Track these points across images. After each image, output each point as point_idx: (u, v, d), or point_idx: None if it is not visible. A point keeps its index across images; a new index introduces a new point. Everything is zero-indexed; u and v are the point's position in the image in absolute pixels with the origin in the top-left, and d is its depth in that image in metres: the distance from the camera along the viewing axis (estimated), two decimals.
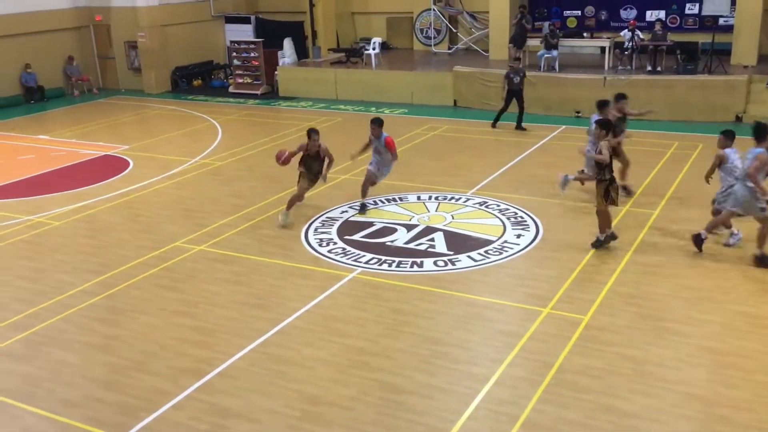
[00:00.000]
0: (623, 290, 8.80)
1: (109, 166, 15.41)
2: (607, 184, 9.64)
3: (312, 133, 11.42)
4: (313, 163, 11.44)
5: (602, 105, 11.68)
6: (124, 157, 16.06)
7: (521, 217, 11.37)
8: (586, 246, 10.08)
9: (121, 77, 25.06)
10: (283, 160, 11.54)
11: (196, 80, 24.96)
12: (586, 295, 8.72)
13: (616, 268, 9.38)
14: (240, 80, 23.49)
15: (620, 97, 12.17)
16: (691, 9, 21.35)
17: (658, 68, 18.45)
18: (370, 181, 11.83)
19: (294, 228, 11.25)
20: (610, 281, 9.04)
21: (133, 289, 9.43)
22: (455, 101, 20.17)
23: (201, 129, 18.63)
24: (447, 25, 24.21)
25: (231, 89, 23.64)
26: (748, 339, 7.66)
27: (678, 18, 21.54)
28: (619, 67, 19.13)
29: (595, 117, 11.29)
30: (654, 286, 8.88)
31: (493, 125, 17.31)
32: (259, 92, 22.99)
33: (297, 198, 11.48)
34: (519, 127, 16.96)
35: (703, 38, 19.61)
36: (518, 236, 10.64)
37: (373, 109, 20.16)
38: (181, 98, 23.11)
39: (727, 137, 9.75)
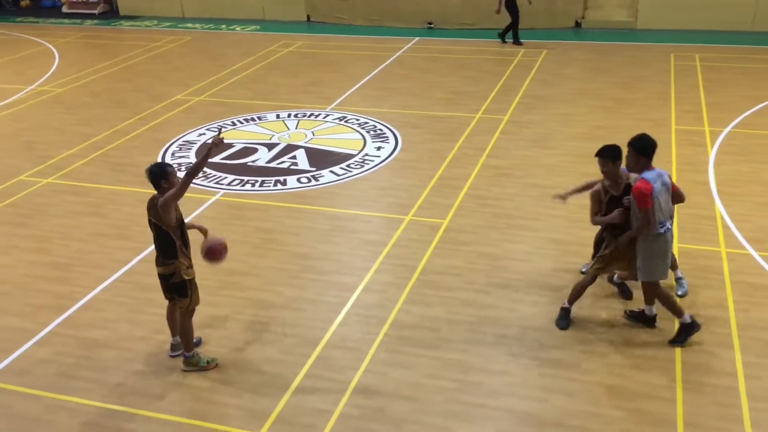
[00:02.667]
0: (478, 193, 9.28)
1: None
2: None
3: None
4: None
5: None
6: None
7: (380, 130, 11.56)
8: (443, 153, 10.47)
9: None
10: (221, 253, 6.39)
11: (24, 0, 22.76)
12: (444, 200, 9.12)
13: (471, 173, 9.84)
14: None
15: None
16: None
17: None
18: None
19: (149, 154, 10.82)
20: (466, 185, 9.49)
21: None
22: (308, 16, 19.77)
23: (34, 54, 17.17)
24: None
25: (64, 9, 21.82)
26: (591, 229, 8.35)
27: None
28: None
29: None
30: (505, 187, 9.42)
31: (515, 42, 16.44)
32: (96, 11, 21.39)
33: None
34: (502, 37, 16.53)
35: None
36: (378, 148, 10.85)
37: (224, 26, 19.39)
38: (8, 20, 21.07)
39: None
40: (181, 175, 7.04)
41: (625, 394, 5.79)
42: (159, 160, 10.58)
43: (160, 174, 5.80)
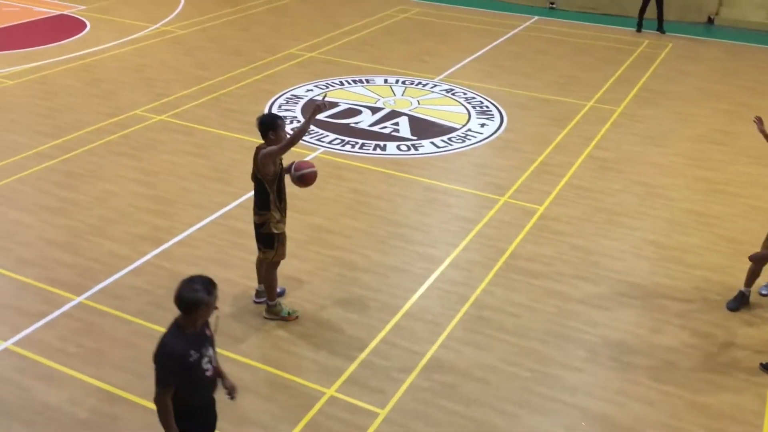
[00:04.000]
0: (579, 183, 9.00)
1: (65, 27, 14.73)
2: None
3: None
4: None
5: None
6: (81, 18, 15.34)
7: (486, 107, 11.35)
8: (548, 138, 10.19)
9: None
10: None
11: None
12: (543, 186, 8.90)
13: (574, 162, 9.54)
14: None
15: None
16: None
17: None
18: None
19: (257, 103, 11.06)
20: (568, 174, 9.21)
21: (91, 154, 9.28)
22: None
23: None
24: None
25: None
26: (693, 235, 7.98)
27: None
28: None
29: None
30: (609, 181, 9.09)
31: (638, 29, 15.85)
32: None
33: None
34: (660, 28, 15.80)
35: None
36: (482, 125, 10.67)
37: None
38: None
39: None
40: (289, 130, 7.11)
41: (708, 412, 5.53)
42: (266, 110, 10.79)
43: (269, 124, 5.89)
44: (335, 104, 11.06)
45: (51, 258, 7.13)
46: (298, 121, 10.48)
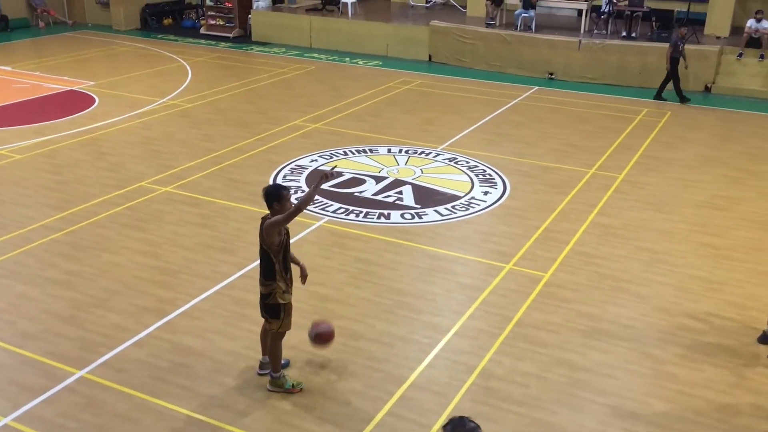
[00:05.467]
0: (584, 250, 8.98)
1: (73, 102, 15.06)
2: None
3: None
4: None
5: None
6: (90, 93, 15.69)
7: (489, 175, 11.46)
8: (551, 206, 10.24)
9: (88, 11, 24.30)
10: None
11: (167, 19, 24.33)
12: (548, 253, 8.88)
13: (578, 229, 9.55)
14: (212, 22, 22.96)
15: None
16: None
17: (633, 34, 18.51)
18: None
19: (262, 174, 11.19)
20: (572, 241, 9.21)
21: (96, 226, 9.33)
22: (430, 56, 20.03)
23: (170, 69, 18.24)
24: None
25: (202, 30, 23.11)
26: (700, 302, 7.91)
27: None
28: (595, 31, 19.14)
29: None
30: (614, 248, 9.07)
31: (681, 99, 16.03)
32: (231, 35, 22.52)
33: None
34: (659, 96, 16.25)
35: (678, 6, 19.69)
36: (485, 193, 10.74)
37: (347, 59, 19.94)
38: (150, 37, 22.54)
39: None
40: (294, 200, 7.19)
41: None
42: (271, 180, 10.90)
43: (274, 195, 5.95)
44: (340, 174, 11.18)
45: (54, 331, 7.08)
46: (303, 191, 10.57)
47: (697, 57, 17.11)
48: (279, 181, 10.94)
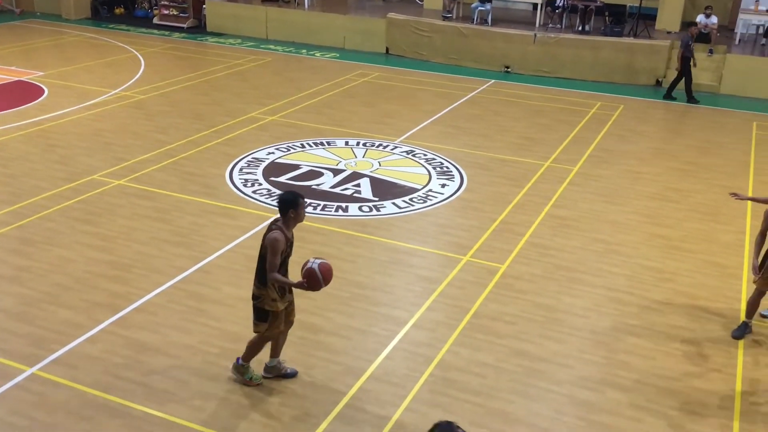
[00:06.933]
0: (539, 242, 9.10)
1: (22, 93, 14.63)
2: None
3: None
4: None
5: None
6: (39, 84, 15.27)
7: (446, 168, 11.51)
8: (507, 198, 10.34)
9: (36, 0, 23.61)
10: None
11: (118, 8, 23.78)
12: (504, 245, 8.98)
13: (534, 221, 9.67)
14: (165, 12, 22.52)
15: None
16: None
17: (587, 28, 18.78)
18: None
19: (218, 167, 11.04)
20: (528, 233, 9.33)
21: (46, 221, 9.09)
22: (387, 49, 20.01)
23: (122, 60, 17.85)
24: None
25: (155, 21, 22.65)
26: (652, 292, 8.09)
27: None
28: (549, 25, 19.36)
29: None
30: (568, 239, 9.22)
31: (689, 100, 15.99)
32: (185, 25, 22.13)
33: None
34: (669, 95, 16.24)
35: (631, 2, 20.02)
36: (443, 186, 10.80)
37: (304, 51, 19.80)
38: (102, 26, 22.02)
39: None
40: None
41: None
42: (227, 174, 10.78)
43: (291, 203, 5.78)
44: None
45: (3, 328, 6.89)
46: (260, 185, 10.48)
47: (649, 51, 17.46)
48: (235, 174, 10.82)
